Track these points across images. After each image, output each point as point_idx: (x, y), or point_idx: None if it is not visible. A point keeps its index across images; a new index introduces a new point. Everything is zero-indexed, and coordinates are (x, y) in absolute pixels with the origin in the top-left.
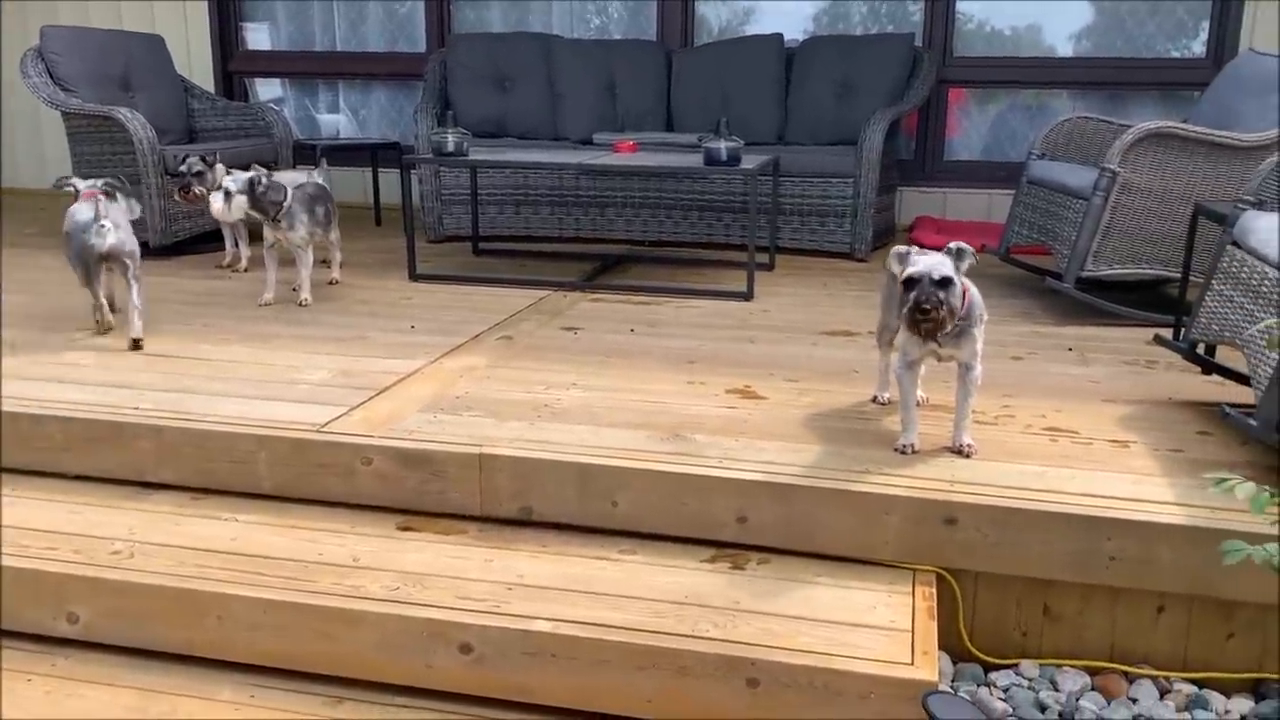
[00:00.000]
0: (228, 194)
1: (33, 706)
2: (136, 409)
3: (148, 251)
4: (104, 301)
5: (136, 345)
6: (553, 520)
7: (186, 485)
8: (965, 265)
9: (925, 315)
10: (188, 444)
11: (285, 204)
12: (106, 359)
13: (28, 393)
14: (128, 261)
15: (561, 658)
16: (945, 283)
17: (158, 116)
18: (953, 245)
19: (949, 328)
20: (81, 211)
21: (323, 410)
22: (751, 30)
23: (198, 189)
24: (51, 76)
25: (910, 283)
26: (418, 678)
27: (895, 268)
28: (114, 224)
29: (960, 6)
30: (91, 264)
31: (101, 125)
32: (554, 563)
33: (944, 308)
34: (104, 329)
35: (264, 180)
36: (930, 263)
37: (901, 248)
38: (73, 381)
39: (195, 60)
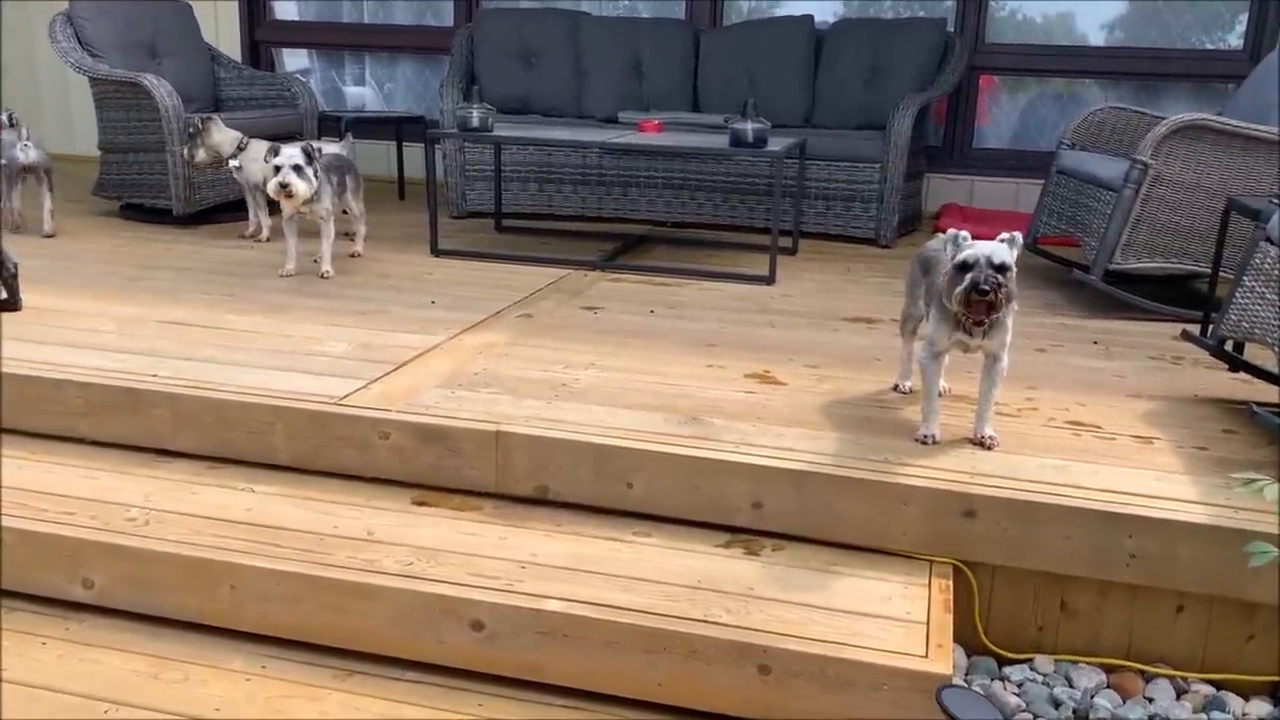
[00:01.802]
0: (298, 168)
1: (46, 670)
2: (155, 376)
3: (171, 219)
4: (15, 205)
5: (49, 236)
6: (568, 500)
7: (203, 454)
8: (1014, 254)
9: (983, 297)
10: (205, 413)
11: None
12: (127, 325)
13: (47, 357)
14: (43, 174)
15: (573, 638)
16: (1003, 268)
17: (184, 84)
18: (1005, 235)
19: (1002, 312)
20: (7, 134)
21: (341, 383)
22: (781, 11)
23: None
24: (80, 41)
25: (965, 266)
26: (429, 653)
27: (949, 250)
28: (35, 143)
29: None
30: (14, 174)
31: (128, 91)
32: (568, 543)
33: (1002, 291)
34: (13, 228)
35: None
36: (988, 249)
37: (953, 231)
38: (92, 347)
39: (223, 29)
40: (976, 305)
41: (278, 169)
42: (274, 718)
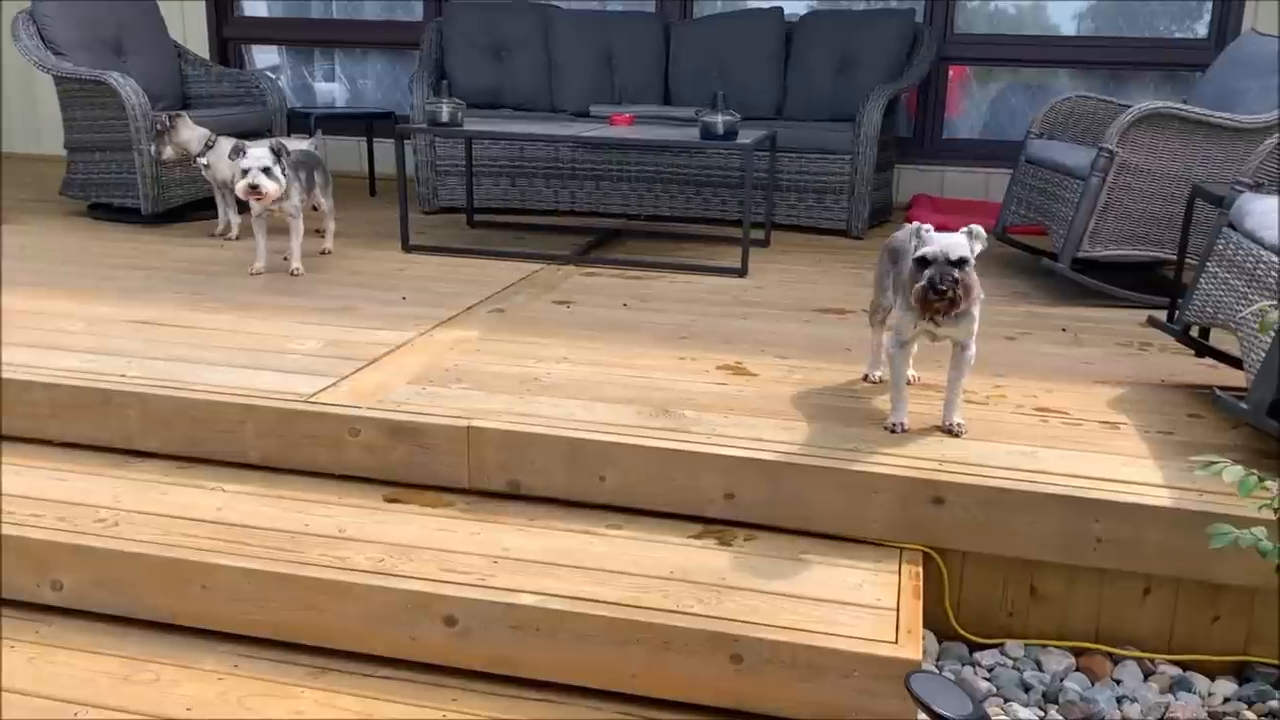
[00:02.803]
0: (266, 169)
1: (17, 673)
2: (124, 377)
3: (139, 218)
4: None
5: None
6: (540, 494)
7: (173, 454)
8: (978, 248)
9: (940, 295)
10: (174, 413)
11: None
12: (96, 325)
13: (15, 359)
14: None
15: (545, 631)
16: (961, 263)
17: (150, 82)
18: (968, 227)
19: (962, 307)
20: None
21: (311, 380)
22: (751, 4)
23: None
24: (43, 39)
25: (924, 262)
26: (402, 649)
27: (911, 243)
28: None
29: None
30: None
31: (93, 90)
32: (540, 537)
33: (959, 287)
34: None
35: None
36: (946, 242)
37: (916, 224)
38: (60, 348)
39: (190, 26)
40: (934, 303)
41: (245, 170)
42: (247, 717)
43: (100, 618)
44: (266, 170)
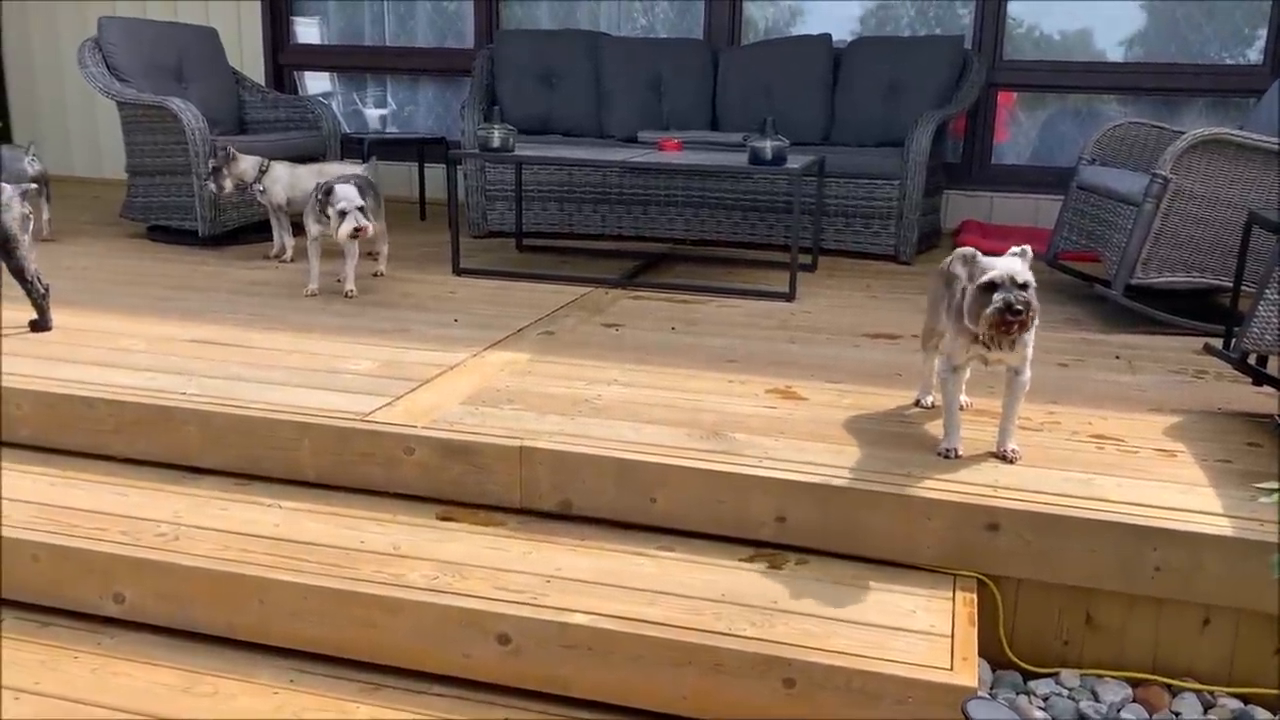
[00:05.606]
0: (362, 209)
1: (78, 684)
2: (184, 395)
3: (196, 240)
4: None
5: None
6: (591, 515)
7: (232, 471)
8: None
9: (1016, 317)
10: (233, 430)
11: None
12: (157, 344)
13: (78, 375)
14: (43, 185)
15: (598, 652)
16: (1026, 285)
17: (209, 108)
18: (1015, 249)
19: (1031, 329)
20: (8, 150)
21: (367, 400)
22: (799, 31)
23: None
24: (108, 67)
25: (992, 286)
26: (455, 667)
27: (961, 269)
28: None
29: (1011, 9)
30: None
31: (155, 115)
32: (592, 557)
33: (1030, 309)
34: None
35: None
36: (1008, 267)
37: (967, 250)
38: (123, 366)
39: (247, 53)
40: (1010, 324)
41: (343, 213)
42: None
43: (160, 630)
44: (362, 209)
